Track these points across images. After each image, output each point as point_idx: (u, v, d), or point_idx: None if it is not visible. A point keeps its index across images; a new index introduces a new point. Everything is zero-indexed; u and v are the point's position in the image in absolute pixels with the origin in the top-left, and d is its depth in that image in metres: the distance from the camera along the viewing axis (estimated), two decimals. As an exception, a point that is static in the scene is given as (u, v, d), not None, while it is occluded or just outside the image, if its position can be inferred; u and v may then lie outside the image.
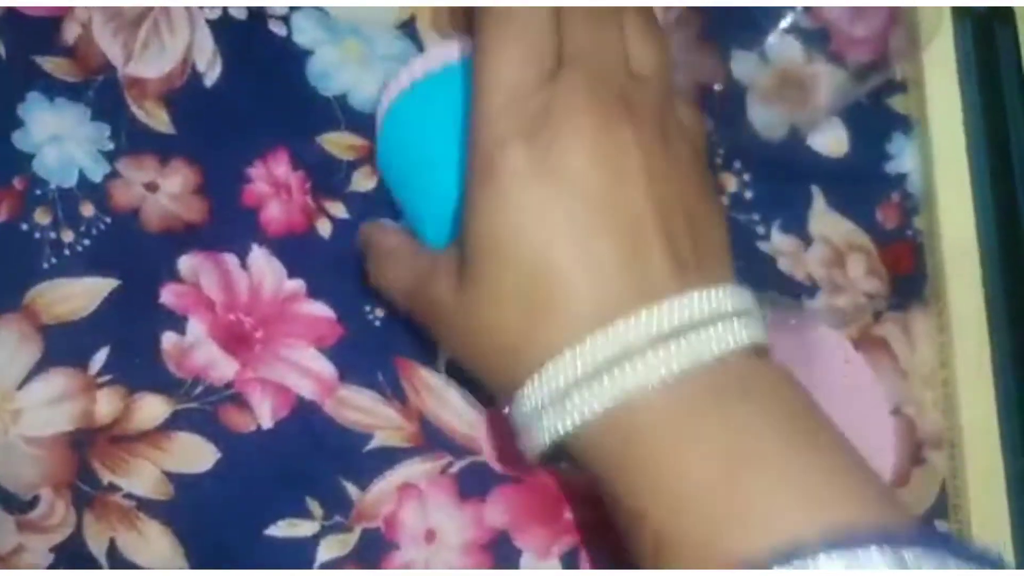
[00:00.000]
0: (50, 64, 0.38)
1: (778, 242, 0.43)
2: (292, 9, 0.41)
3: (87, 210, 0.37)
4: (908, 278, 0.44)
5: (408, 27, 0.42)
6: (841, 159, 0.45)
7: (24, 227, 0.36)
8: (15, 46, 0.37)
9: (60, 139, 0.37)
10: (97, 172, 0.37)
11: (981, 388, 0.40)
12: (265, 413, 0.36)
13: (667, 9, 0.45)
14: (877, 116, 0.46)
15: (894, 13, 0.45)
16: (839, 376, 0.39)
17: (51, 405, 0.35)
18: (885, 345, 0.42)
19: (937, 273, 0.43)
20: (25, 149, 0.37)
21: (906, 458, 0.40)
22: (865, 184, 0.45)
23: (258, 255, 0.37)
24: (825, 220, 0.44)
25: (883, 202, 0.45)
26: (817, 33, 0.47)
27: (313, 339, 0.37)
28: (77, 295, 0.36)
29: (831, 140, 0.46)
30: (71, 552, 0.34)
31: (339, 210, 0.39)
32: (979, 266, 0.42)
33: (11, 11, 0.38)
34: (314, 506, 0.35)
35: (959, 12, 0.47)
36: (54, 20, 0.38)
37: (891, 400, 0.41)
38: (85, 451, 0.34)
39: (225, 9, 0.40)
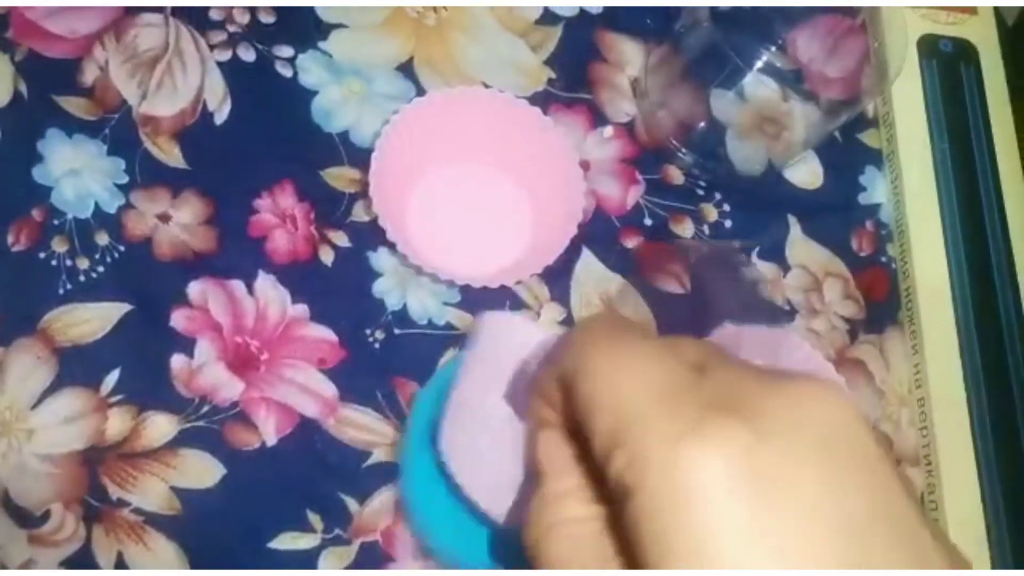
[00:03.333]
0: (69, 103, 0.40)
1: (758, 269, 0.45)
2: (298, 52, 0.43)
3: (102, 239, 0.39)
4: (882, 303, 0.46)
5: (407, 68, 0.45)
6: (816, 191, 0.48)
7: (42, 255, 0.38)
8: (37, 86, 0.40)
9: (77, 173, 0.39)
10: (112, 204, 0.39)
11: (955, 406, 0.42)
12: (269, 430, 0.37)
13: (649, 52, 0.48)
14: (850, 150, 0.49)
15: (865, 53, 0.48)
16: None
17: (64, 424, 0.36)
18: (862, 365, 0.44)
19: (910, 297, 0.45)
20: (44, 182, 0.39)
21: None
22: (840, 214, 0.47)
23: (264, 281, 0.39)
24: (802, 248, 0.46)
25: (857, 231, 0.47)
26: (792, 73, 0.50)
27: (316, 360, 0.39)
28: (91, 319, 0.37)
29: (806, 173, 0.48)
30: (80, 566, 0.35)
31: (341, 239, 0.41)
32: (949, 290, 0.45)
33: (33, 53, 0.40)
34: (315, 520, 0.37)
35: (925, 51, 0.50)
36: (74, 61, 0.41)
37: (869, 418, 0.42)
38: (95, 468, 0.36)
39: (235, 52, 0.43)
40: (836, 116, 0.47)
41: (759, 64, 0.45)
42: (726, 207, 0.46)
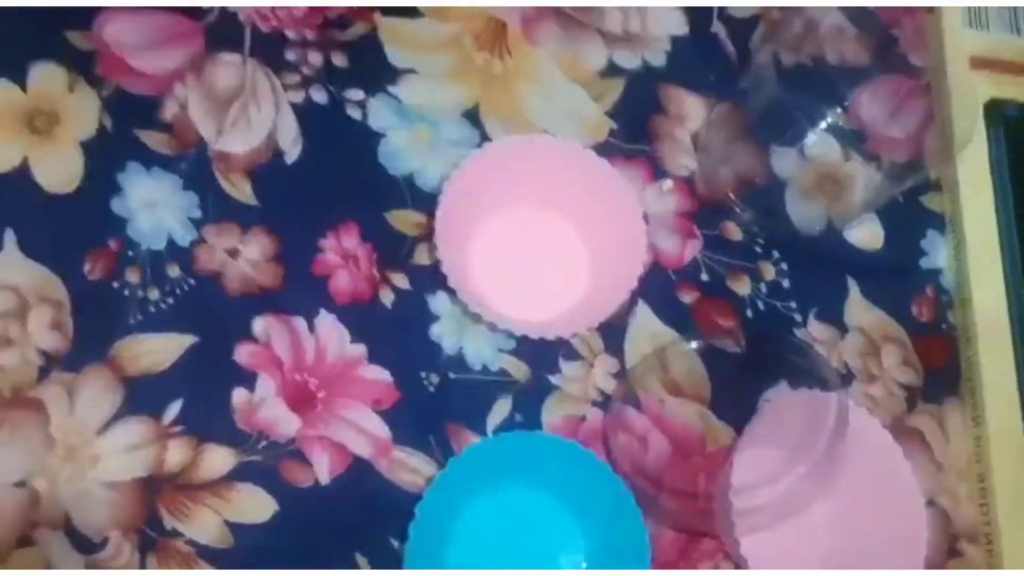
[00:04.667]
0: (149, 137, 0.42)
1: (814, 330, 0.45)
2: (368, 95, 0.44)
3: (173, 271, 0.40)
4: (942, 371, 0.45)
5: (472, 114, 0.46)
6: (877, 253, 0.47)
7: (115, 284, 0.39)
8: (121, 120, 0.41)
9: (154, 206, 0.40)
10: (185, 237, 0.40)
11: (1017, 483, 0.41)
12: (323, 469, 0.38)
13: (712, 107, 0.48)
14: (912, 213, 0.49)
15: (928, 115, 0.48)
16: (874, 463, 0.40)
17: (127, 452, 0.37)
18: (919, 436, 0.43)
19: (971, 367, 0.44)
20: (122, 214, 0.40)
21: (940, 551, 0.41)
22: (900, 278, 0.47)
23: (325, 320, 0.40)
24: (860, 311, 0.46)
25: (918, 296, 0.46)
26: (854, 133, 0.50)
27: (371, 401, 0.39)
28: (158, 349, 0.38)
29: (867, 234, 0.48)
30: (133, 593, 0.35)
31: (402, 281, 0.42)
32: (1013, 362, 0.44)
33: (119, 89, 0.42)
34: (363, 562, 0.37)
35: (992, 116, 0.49)
36: (156, 98, 0.42)
37: (925, 491, 0.41)
38: (153, 497, 0.37)
39: (308, 93, 0.44)
40: (900, 179, 0.46)
41: (823, 124, 0.45)
42: (784, 266, 0.46)
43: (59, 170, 0.40)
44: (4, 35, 0.41)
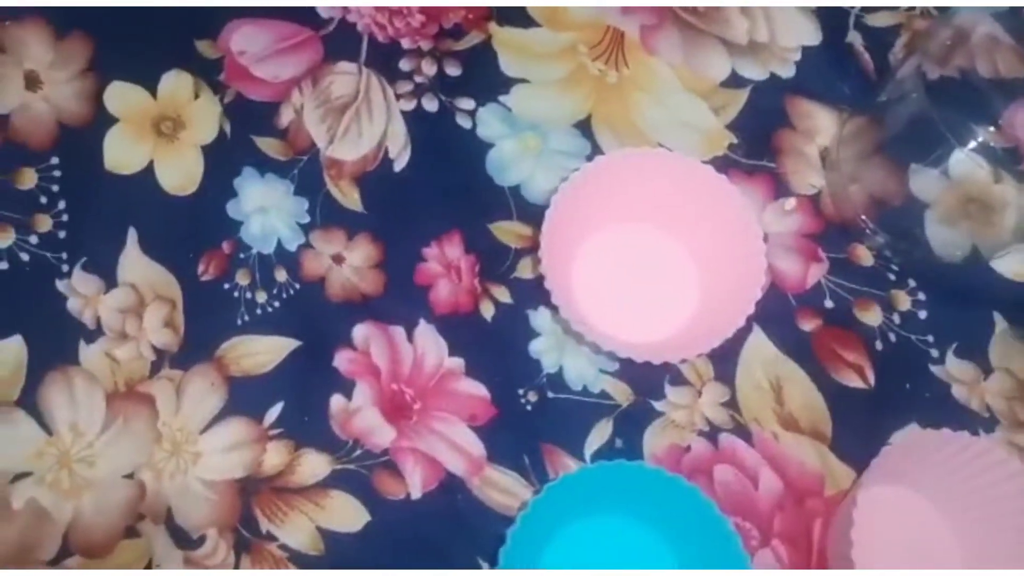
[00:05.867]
0: (265, 143, 0.42)
1: (953, 368, 0.41)
2: (479, 104, 0.44)
3: (281, 275, 0.40)
4: (1105, 422, 0.40)
5: (584, 125, 0.44)
6: (1030, 285, 0.42)
7: (226, 286, 0.40)
8: (239, 126, 0.43)
9: (266, 210, 0.41)
10: (293, 242, 0.41)
11: None
12: (416, 483, 0.37)
13: (844, 122, 0.45)
14: (1073, 243, 0.43)
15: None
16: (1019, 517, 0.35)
17: (227, 451, 0.37)
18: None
19: None
20: (236, 217, 0.41)
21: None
22: (1058, 315, 0.42)
23: (424, 330, 0.39)
24: (1008, 349, 0.41)
25: (1078, 336, 0.41)
26: (1007, 152, 0.45)
27: (466, 416, 0.38)
28: (263, 351, 0.39)
29: (1018, 264, 0.43)
30: (226, 593, 0.36)
31: (503, 294, 0.41)
32: None
33: (240, 95, 0.43)
34: (451, 582, 0.36)
35: None
36: (273, 105, 0.43)
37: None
38: (250, 499, 0.37)
39: (419, 102, 0.44)
40: (1060, 204, 0.41)
41: (972, 143, 0.40)
42: (921, 296, 0.42)
43: (181, 173, 0.41)
44: (142, 45, 0.43)
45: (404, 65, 0.44)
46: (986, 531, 0.36)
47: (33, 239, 0.40)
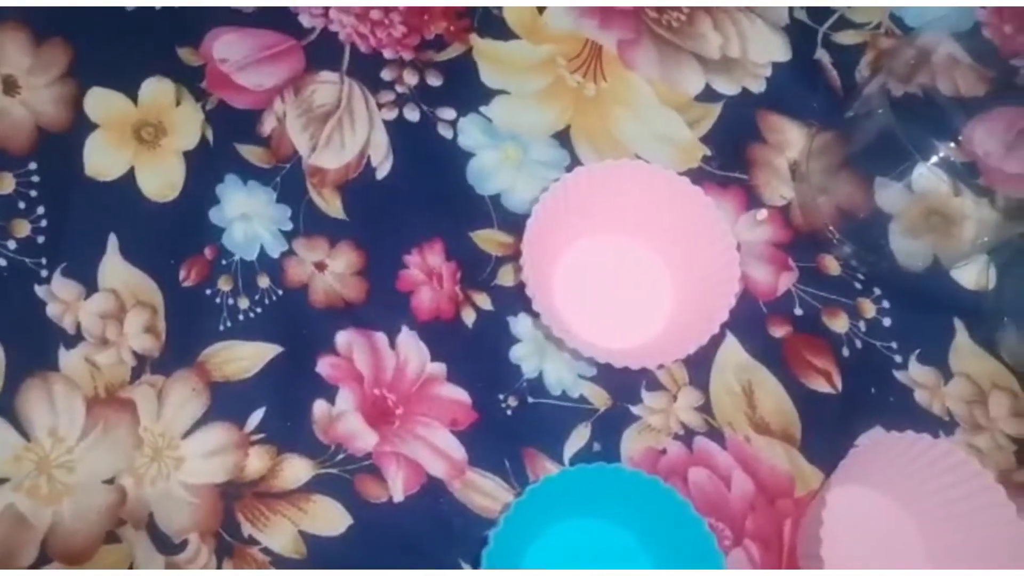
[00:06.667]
0: (248, 151, 0.43)
1: (916, 373, 0.42)
2: (460, 115, 0.45)
3: (263, 282, 0.41)
4: (1059, 425, 0.42)
5: (563, 136, 0.45)
6: (988, 295, 0.44)
7: (208, 292, 0.40)
8: (222, 133, 0.43)
9: (248, 217, 0.42)
10: (276, 249, 0.41)
11: None
12: (397, 486, 0.38)
13: (813, 136, 0.46)
14: (1028, 254, 0.45)
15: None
16: (983, 517, 0.37)
17: (209, 456, 0.38)
18: (1032, 494, 0.40)
19: (1092, 423, 0.41)
20: (218, 223, 0.41)
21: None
22: (1014, 323, 0.43)
23: (407, 336, 0.40)
24: (967, 355, 0.43)
25: (1033, 343, 0.43)
26: (966, 166, 0.47)
27: (448, 421, 0.39)
28: (245, 357, 0.39)
29: (977, 275, 0.45)
30: (208, 597, 0.36)
31: (484, 301, 0.41)
32: None
33: (222, 103, 0.43)
34: (433, 584, 0.36)
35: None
36: (256, 113, 0.43)
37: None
38: (232, 503, 0.37)
39: (401, 111, 0.44)
40: (1016, 217, 0.43)
41: (934, 157, 0.42)
42: (885, 304, 0.43)
43: (162, 179, 0.42)
44: (122, 51, 0.43)
45: (386, 75, 0.45)
46: (948, 529, 0.37)
47: (11, 244, 0.40)
